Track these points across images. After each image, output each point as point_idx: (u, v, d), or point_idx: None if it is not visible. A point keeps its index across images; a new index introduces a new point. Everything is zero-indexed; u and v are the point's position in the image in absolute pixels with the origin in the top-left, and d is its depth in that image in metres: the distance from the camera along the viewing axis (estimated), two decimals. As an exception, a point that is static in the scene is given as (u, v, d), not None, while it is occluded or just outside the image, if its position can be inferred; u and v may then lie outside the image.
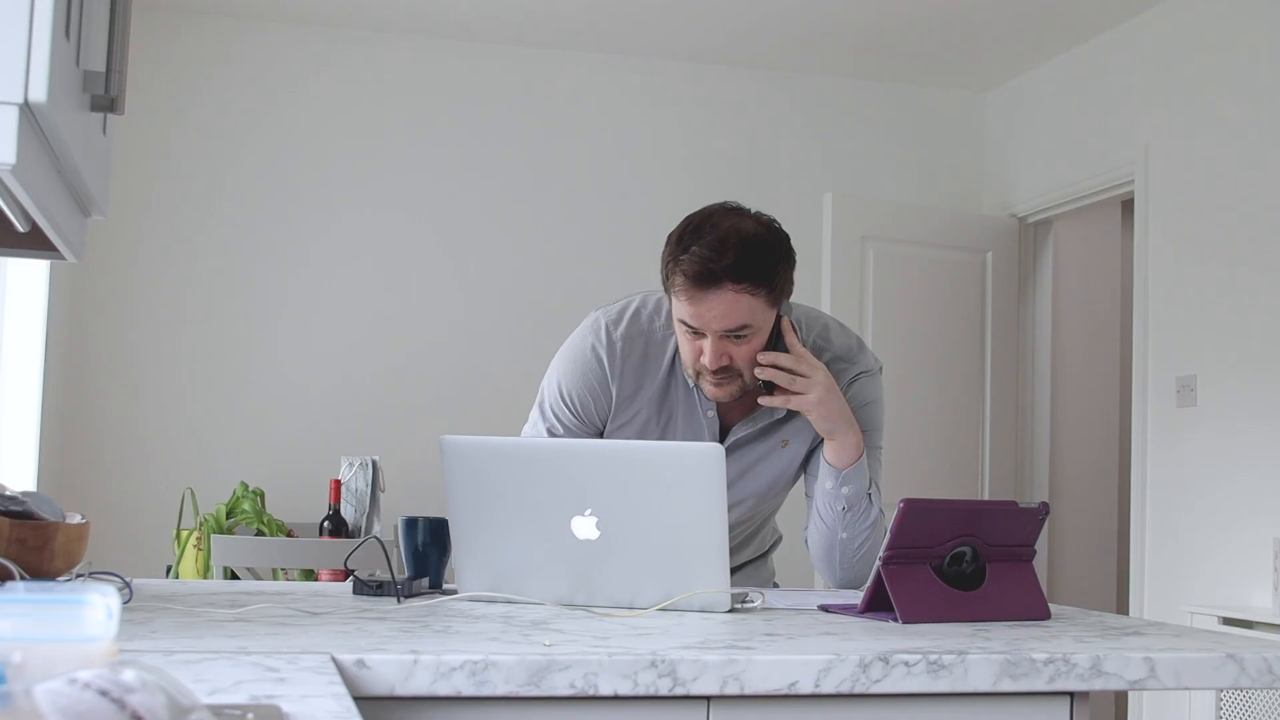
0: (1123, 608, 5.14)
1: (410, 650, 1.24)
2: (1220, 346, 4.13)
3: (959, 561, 1.70)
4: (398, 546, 1.95)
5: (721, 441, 2.08)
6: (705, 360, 1.94)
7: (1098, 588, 5.51)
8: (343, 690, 1.03)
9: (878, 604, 1.66)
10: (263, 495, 4.10)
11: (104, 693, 0.67)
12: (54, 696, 0.66)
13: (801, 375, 1.96)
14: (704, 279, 1.89)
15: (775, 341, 1.99)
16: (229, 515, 3.92)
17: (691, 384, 2.05)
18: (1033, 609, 1.71)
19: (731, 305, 1.90)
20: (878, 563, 1.66)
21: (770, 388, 1.99)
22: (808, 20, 4.76)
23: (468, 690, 1.22)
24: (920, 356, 4.97)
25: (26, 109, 1.10)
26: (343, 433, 4.74)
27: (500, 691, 1.22)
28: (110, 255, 4.63)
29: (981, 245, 5.21)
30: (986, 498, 5.04)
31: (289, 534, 3.95)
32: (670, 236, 1.97)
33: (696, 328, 1.93)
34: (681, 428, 2.08)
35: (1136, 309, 4.53)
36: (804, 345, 2.03)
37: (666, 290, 1.98)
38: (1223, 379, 4.11)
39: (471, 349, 4.94)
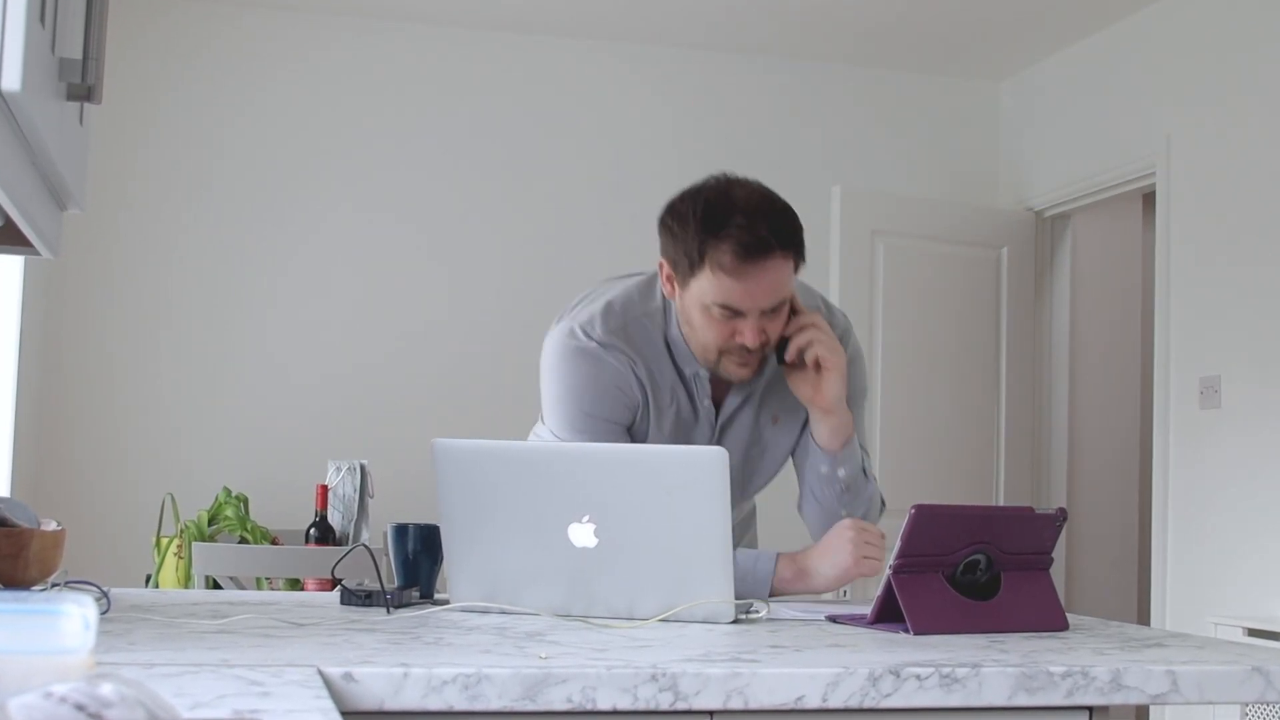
0: (1144, 618, 5.14)
1: (400, 663, 1.24)
2: (1246, 346, 4.13)
3: (972, 570, 1.70)
4: (387, 555, 1.95)
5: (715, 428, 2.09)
6: (746, 340, 1.91)
7: (1118, 597, 5.51)
8: (330, 704, 1.03)
9: (888, 614, 1.66)
10: (246, 501, 4.09)
11: (80, 707, 0.67)
12: (29, 711, 0.66)
13: (833, 338, 1.98)
14: (755, 250, 1.85)
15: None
16: (211, 522, 3.92)
17: (698, 371, 2.02)
18: (1050, 619, 1.71)
19: (779, 275, 1.89)
20: (888, 571, 1.66)
21: (780, 356, 1.99)
22: (814, 5, 4.76)
23: (460, 705, 1.22)
24: (932, 356, 4.97)
25: (0, 98, 1.10)
26: (330, 436, 4.74)
27: (494, 706, 1.22)
28: (87, 251, 4.63)
29: (996, 240, 5.21)
30: (1001, 503, 5.04)
31: (274, 541, 3.95)
32: (680, 219, 1.92)
33: (740, 308, 1.90)
34: (684, 420, 2.06)
35: (1158, 306, 4.53)
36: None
37: (688, 277, 1.92)
38: (1248, 380, 4.11)
39: (463, 349, 4.95)
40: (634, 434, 2.05)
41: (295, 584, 3.62)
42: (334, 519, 3.95)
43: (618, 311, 2.02)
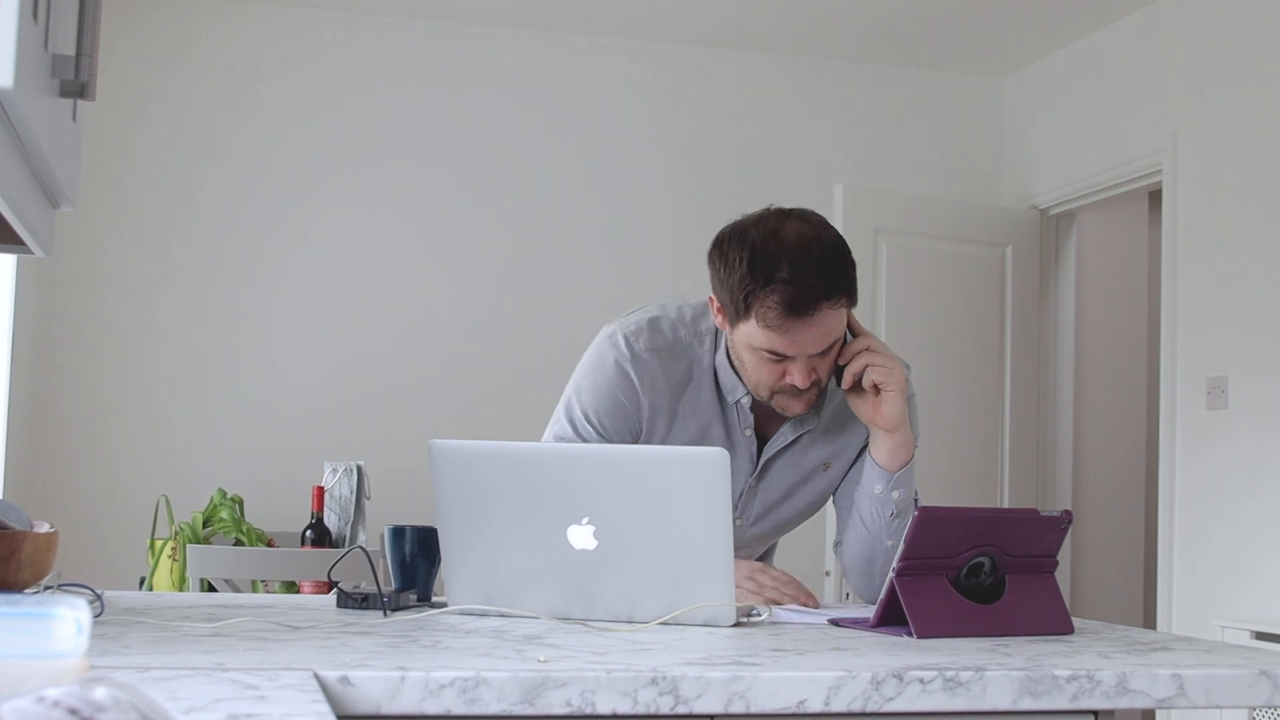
0: (1150, 621, 5.13)
1: (397, 666, 1.24)
2: (1253, 345, 4.13)
3: (977, 573, 1.70)
4: (384, 557, 1.95)
5: (757, 461, 2.09)
6: (794, 381, 1.92)
7: (1123, 600, 5.51)
8: (326, 709, 1.03)
9: (891, 618, 1.66)
10: (241, 503, 4.09)
11: (74, 711, 0.67)
12: (21, 715, 0.66)
13: (888, 358, 1.97)
14: (801, 306, 1.84)
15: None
16: (206, 524, 3.92)
17: (740, 399, 2.03)
18: (1055, 623, 1.71)
19: (828, 323, 1.89)
20: (891, 574, 1.66)
21: (839, 379, 2.00)
22: (816, 1, 4.76)
23: (458, 709, 1.22)
24: (936, 356, 4.97)
25: (-8, 95, 1.10)
26: (326, 437, 4.74)
27: (492, 710, 1.22)
28: (80, 249, 4.63)
29: (1001, 239, 5.21)
30: (1006, 505, 5.04)
31: (269, 544, 3.95)
32: (728, 263, 1.90)
33: (788, 354, 1.90)
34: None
35: (1164, 306, 4.53)
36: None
37: (736, 321, 1.93)
38: (1255, 380, 4.11)
39: (462, 349, 4.94)
40: None
41: (291, 587, 3.62)
42: (330, 521, 3.95)
43: (665, 329, 2.05)
